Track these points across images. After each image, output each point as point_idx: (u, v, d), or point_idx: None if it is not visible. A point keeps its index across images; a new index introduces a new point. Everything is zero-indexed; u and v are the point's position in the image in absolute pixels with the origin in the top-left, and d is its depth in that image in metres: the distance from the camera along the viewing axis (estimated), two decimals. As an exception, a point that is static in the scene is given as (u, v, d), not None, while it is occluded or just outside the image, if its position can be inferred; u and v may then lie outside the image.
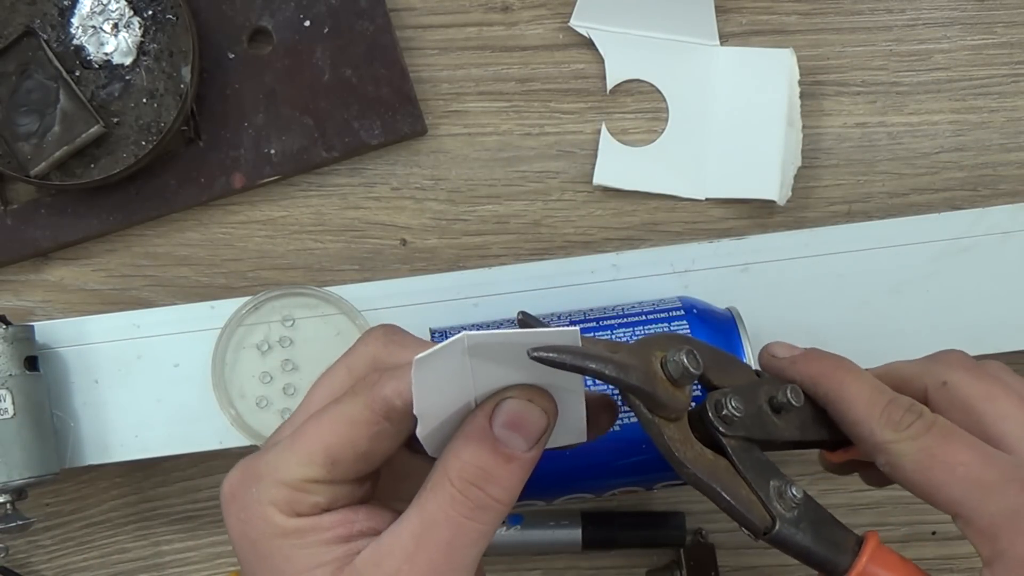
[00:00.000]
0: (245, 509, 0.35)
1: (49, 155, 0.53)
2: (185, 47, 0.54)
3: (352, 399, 0.35)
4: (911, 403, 0.39)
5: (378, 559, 0.34)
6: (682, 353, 0.37)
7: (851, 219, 0.58)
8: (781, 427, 0.40)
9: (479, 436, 0.34)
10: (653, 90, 0.59)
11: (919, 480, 0.38)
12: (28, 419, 0.50)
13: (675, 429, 0.37)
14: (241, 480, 0.36)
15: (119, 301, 0.57)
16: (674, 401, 0.37)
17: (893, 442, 0.38)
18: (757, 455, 0.39)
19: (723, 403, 0.39)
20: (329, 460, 0.35)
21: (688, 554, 0.55)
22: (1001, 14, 0.59)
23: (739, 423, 0.39)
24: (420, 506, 0.34)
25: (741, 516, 0.37)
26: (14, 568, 0.57)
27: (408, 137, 0.58)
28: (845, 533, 0.38)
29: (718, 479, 0.37)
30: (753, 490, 0.38)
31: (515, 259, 0.58)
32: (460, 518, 0.34)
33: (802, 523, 0.37)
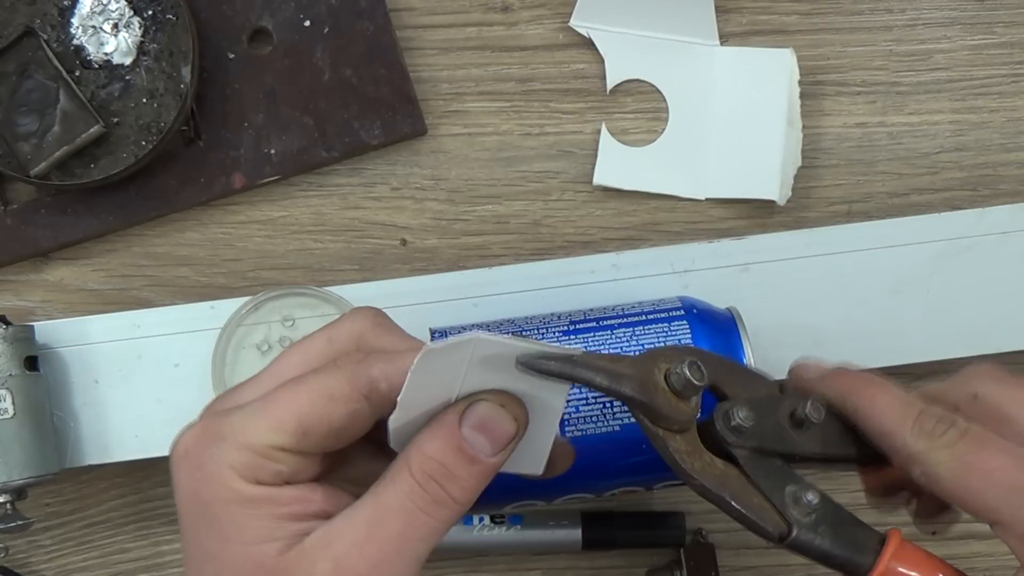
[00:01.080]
0: (201, 468, 0.34)
1: (49, 155, 0.53)
2: (185, 47, 0.54)
3: (334, 372, 0.35)
4: (943, 413, 0.39)
5: (328, 541, 0.34)
6: (684, 365, 0.37)
7: (851, 219, 0.58)
8: (801, 442, 0.40)
9: (446, 433, 0.34)
10: (653, 90, 0.59)
11: (955, 488, 0.37)
12: (28, 419, 0.50)
13: (682, 440, 0.37)
14: (199, 438, 0.35)
15: (119, 301, 0.57)
16: (677, 413, 0.37)
17: (927, 451, 0.37)
18: (771, 463, 0.38)
19: (732, 413, 0.38)
20: (301, 430, 0.34)
21: (688, 554, 0.55)
22: (1001, 14, 0.59)
23: (750, 433, 0.38)
24: (377, 494, 0.34)
25: (753, 523, 0.37)
26: (14, 568, 0.57)
27: (408, 137, 0.58)
28: (867, 532, 0.38)
29: (728, 488, 0.37)
30: (766, 497, 0.37)
31: (515, 259, 0.58)
32: (415, 510, 0.34)
33: (821, 527, 0.37)
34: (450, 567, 0.58)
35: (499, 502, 0.49)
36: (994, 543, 0.43)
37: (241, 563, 0.33)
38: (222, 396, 0.37)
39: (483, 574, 0.58)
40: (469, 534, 0.55)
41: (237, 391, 0.37)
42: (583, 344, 0.48)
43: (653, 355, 0.38)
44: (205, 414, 0.36)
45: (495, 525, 0.55)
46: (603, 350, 0.47)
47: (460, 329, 0.49)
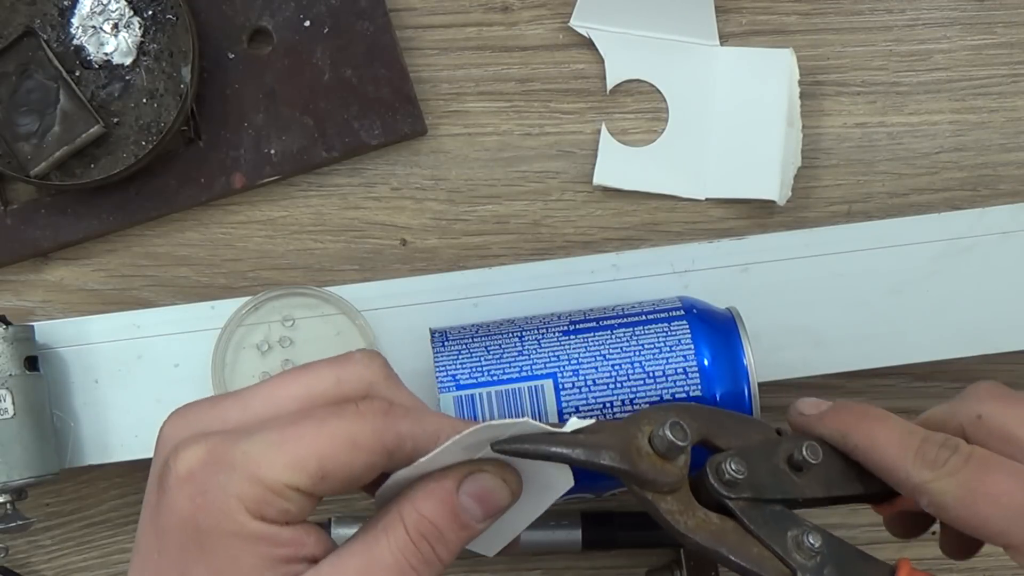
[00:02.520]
0: (204, 494, 0.33)
1: (49, 155, 0.53)
2: (185, 47, 0.54)
3: (359, 420, 0.34)
4: (945, 438, 0.38)
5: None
6: (666, 427, 0.37)
7: (851, 219, 0.58)
8: (802, 485, 0.40)
9: (442, 497, 0.35)
10: (653, 90, 0.59)
11: (964, 516, 0.37)
12: (28, 419, 0.50)
13: (673, 500, 0.37)
14: (206, 463, 0.33)
15: (119, 301, 0.57)
16: (663, 475, 0.37)
17: (932, 481, 0.37)
18: (771, 510, 0.38)
19: (723, 468, 0.38)
20: (320, 473, 0.33)
21: (688, 554, 0.55)
22: (1001, 14, 0.59)
23: (744, 484, 0.38)
24: (369, 544, 0.34)
25: (755, 573, 0.37)
26: (14, 568, 0.57)
27: (408, 137, 0.58)
28: (876, 566, 0.38)
29: (725, 542, 0.37)
30: (767, 546, 0.37)
31: (515, 259, 0.58)
32: (407, 566, 0.34)
33: (826, 568, 0.37)
34: (450, 567, 0.58)
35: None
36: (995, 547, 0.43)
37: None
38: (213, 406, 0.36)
39: (483, 574, 0.58)
40: (469, 534, 0.55)
41: (229, 406, 0.36)
42: (582, 345, 0.48)
43: (636, 418, 0.38)
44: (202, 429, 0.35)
45: (495, 525, 0.55)
46: (603, 350, 0.47)
47: (460, 329, 0.49)
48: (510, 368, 0.47)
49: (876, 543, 0.51)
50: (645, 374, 0.47)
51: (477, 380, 0.47)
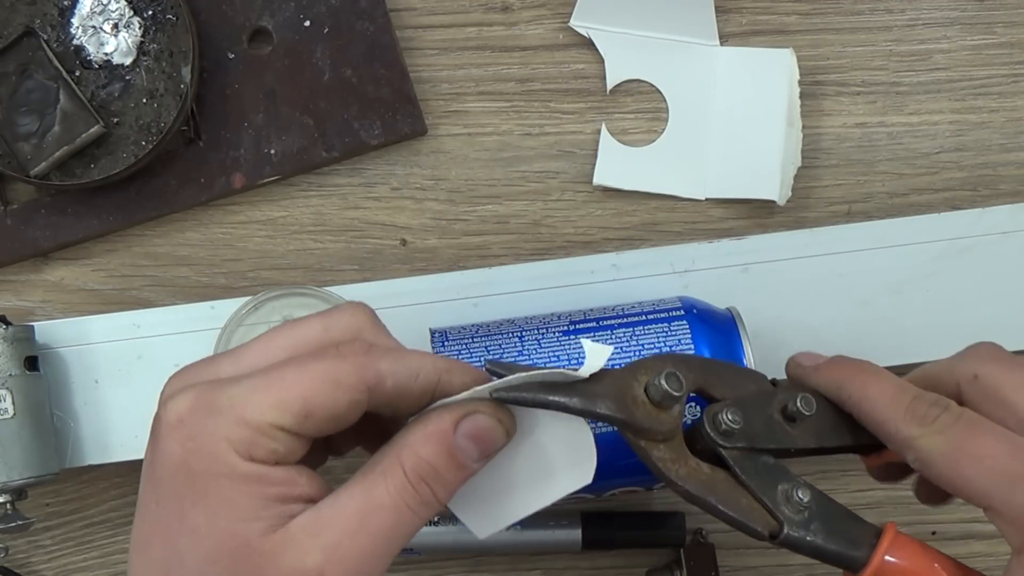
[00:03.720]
0: (195, 439, 0.34)
1: (49, 155, 0.53)
2: (185, 47, 0.54)
3: (340, 359, 0.35)
4: (936, 398, 0.39)
5: (317, 529, 0.34)
6: (662, 377, 0.37)
7: (851, 219, 0.58)
8: (795, 435, 0.40)
9: (440, 439, 0.35)
10: (653, 90, 0.59)
11: (948, 474, 0.37)
12: (28, 419, 0.50)
13: (666, 449, 0.38)
14: (194, 408, 0.34)
15: (119, 301, 0.57)
16: (658, 424, 0.37)
17: (920, 437, 0.38)
18: (763, 462, 0.39)
19: (720, 417, 0.39)
20: (304, 412, 0.34)
21: (688, 554, 0.55)
22: (1001, 14, 0.59)
23: (739, 434, 0.39)
24: (368, 486, 0.35)
25: (741, 524, 0.37)
26: (14, 568, 0.57)
27: (408, 137, 0.58)
28: (862, 527, 0.38)
29: (715, 491, 0.37)
30: (756, 497, 0.38)
31: (515, 259, 0.58)
32: (405, 508, 0.35)
33: (813, 523, 0.37)
34: (450, 567, 0.58)
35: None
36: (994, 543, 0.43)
37: (226, 539, 0.33)
38: (207, 362, 0.37)
39: (483, 574, 0.58)
40: (469, 534, 0.55)
41: (221, 361, 0.36)
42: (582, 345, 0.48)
43: (634, 368, 0.38)
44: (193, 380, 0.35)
45: (495, 525, 0.55)
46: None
47: (460, 329, 0.49)
48: (510, 368, 0.47)
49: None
50: (645, 374, 0.47)
51: (477, 380, 0.47)
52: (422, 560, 0.57)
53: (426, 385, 0.36)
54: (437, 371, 0.36)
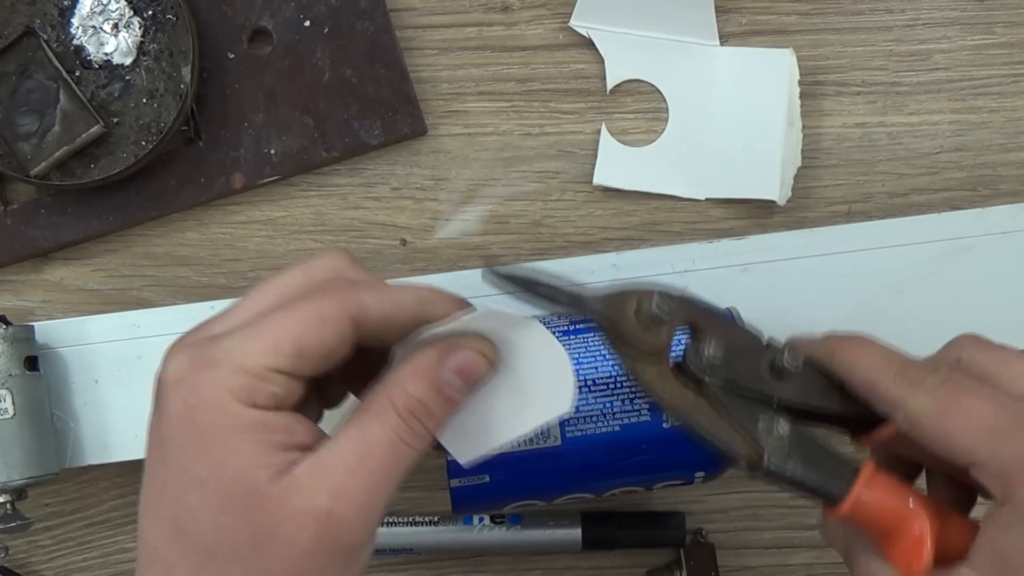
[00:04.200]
0: (197, 394, 0.35)
1: (49, 155, 0.53)
2: (185, 47, 0.54)
3: (324, 298, 0.36)
4: (925, 362, 0.40)
5: (320, 472, 0.35)
6: (653, 298, 0.38)
7: (851, 219, 0.58)
8: (781, 388, 0.40)
9: (427, 375, 0.37)
10: (653, 90, 0.59)
11: (934, 431, 0.38)
12: (28, 419, 0.50)
13: (655, 373, 0.39)
14: (192, 365, 0.35)
15: (119, 301, 0.57)
16: (643, 339, 0.38)
17: (908, 396, 0.39)
18: (745, 398, 0.39)
19: (703, 347, 0.39)
20: (296, 352, 0.35)
21: (688, 554, 0.55)
22: (1001, 14, 0.59)
23: (722, 369, 0.39)
24: (362, 426, 0.36)
25: (725, 447, 0.38)
26: (14, 568, 0.57)
27: (408, 137, 0.58)
28: (840, 462, 0.39)
29: (700, 413, 0.38)
30: (739, 427, 0.38)
31: (515, 259, 0.58)
32: (400, 442, 0.36)
33: (792, 455, 0.38)
34: (450, 567, 0.58)
35: (499, 502, 0.49)
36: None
37: (235, 488, 0.34)
38: (198, 328, 0.37)
39: (483, 574, 0.58)
40: (469, 534, 0.55)
41: (212, 323, 0.37)
42: (582, 345, 0.48)
43: (627, 290, 0.39)
44: (187, 343, 0.36)
45: (495, 525, 0.55)
46: (603, 350, 0.47)
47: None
48: (510, 368, 0.47)
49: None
50: (645, 374, 0.47)
51: (477, 380, 0.47)
52: (422, 560, 0.57)
53: (409, 314, 0.37)
54: (419, 300, 0.37)
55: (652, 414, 0.46)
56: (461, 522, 0.55)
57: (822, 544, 0.57)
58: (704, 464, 0.48)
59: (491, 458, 0.47)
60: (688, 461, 0.48)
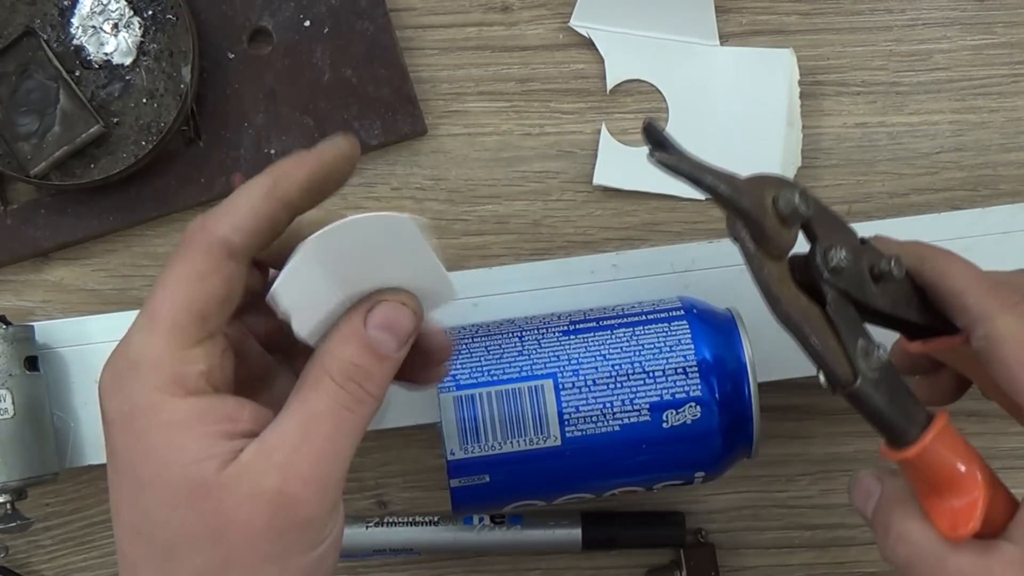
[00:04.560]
0: (128, 400, 0.35)
1: (49, 155, 0.53)
2: (185, 47, 0.54)
3: (189, 254, 0.35)
4: (1022, 287, 0.39)
5: (266, 453, 0.35)
6: (796, 193, 0.37)
7: (851, 219, 0.57)
8: (876, 295, 0.40)
9: (355, 336, 0.36)
10: (653, 90, 0.59)
11: (1013, 358, 0.37)
12: (28, 419, 0.50)
13: (776, 268, 0.37)
14: (116, 374, 0.35)
15: (119, 301, 0.57)
16: (779, 238, 0.37)
17: (997, 314, 0.38)
18: (851, 311, 0.38)
19: (833, 252, 0.38)
20: (198, 317, 0.35)
21: (688, 554, 0.55)
22: (1001, 14, 0.59)
23: (844, 275, 0.38)
24: (302, 401, 0.36)
25: (825, 363, 0.37)
26: (14, 568, 0.57)
27: (408, 137, 0.58)
28: (919, 406, 0.38)
29: (810, 323, 0.37)
30: (842, 343, 0.37)
31: (515, 259, 0.58)
32: (341, 409, 0.36)
33: (881, 385, 0.37)
34: (450, 567, 0.58)
35: (499, 502, 0.49)
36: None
37: (182, 484, 0.34)
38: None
39: (483, 574, 0.58)
40: (469, 534, 0.55)
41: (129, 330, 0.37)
42: (582, 345, 0.48)
43: (762, 179, 0.38)
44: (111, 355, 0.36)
45: (495, 525, 0.55)
46: (603, 350, 0.47)
47: (460, 329, 0.49)
48: (510, 368, 0.47)
49: None
50: (645, 374, 0.47)
51: (477, 380, 0.47)
52: (422, 560, 0.57)
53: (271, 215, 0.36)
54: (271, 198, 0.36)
55: (652, 414, 0.47)
56: (461, 522, 0.55)
57: (822, 544, 0.57)
58: (704, 464, 0.48)
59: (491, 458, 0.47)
60: (688, 461, 0.48)
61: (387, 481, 0.58)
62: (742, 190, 0.37)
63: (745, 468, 0.53)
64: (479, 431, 0.46)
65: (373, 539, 0.55)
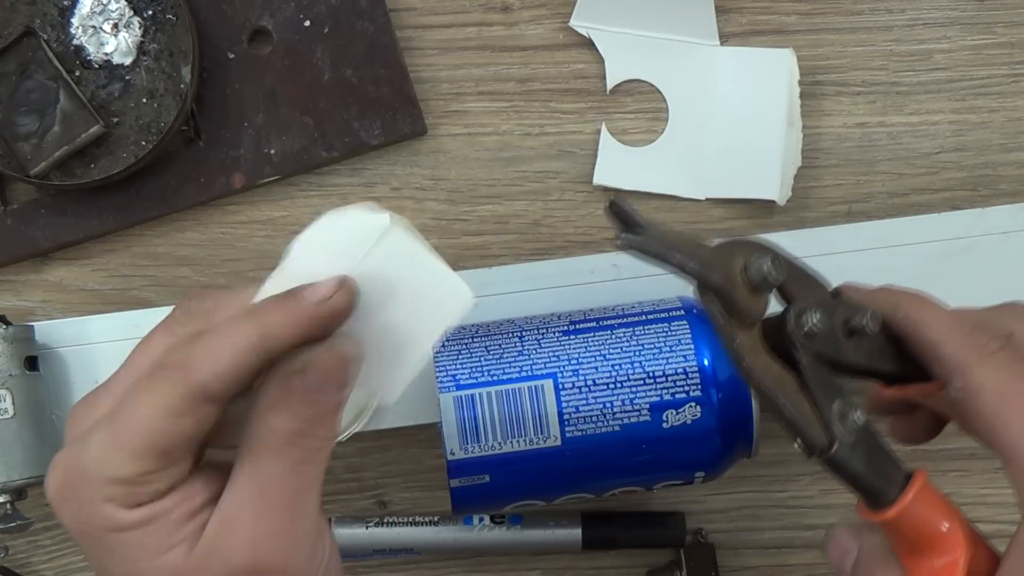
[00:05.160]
0: (81, 509, 0.34)
1: (49, 155, 0.53)
2: (185, 47, 0.54)
3: (166, 385, 0.34)
4: (998, 331, 0.37)
5: (229, 529, 0.34)
6: (766, 259, 0.36)
7: (851, 219, 0.58)
8: (851, 351, 0.39)
9: (296, 397, 0.34)
10: (653, 90, 0.59)
11: (991, 411, 0.36)
12: (28, 419, 0.50)
13: (747, 336, 0.37)
14: (66, 481, 0.34)
15: (119, 301, 0.57)
16: (750, 307, 0.36)
17: (975, 365, 0.36)
18: (826, 374, 0.38)
19: (806, 316, 0.37)
20: (160, 453, 0.34)
21: (688, 554, 0.55)
22: (1001, 14, 0.59)
23: (818, 338, 0.38)
24: (252, 468, 0.34)
25: (801, 431, 0.36)
26: (14, 568, 0.57)
27: (408, 137, 0.58)
28: (896, 466, 0.38)
29: (783, 391, 0.36)
30: (817, 408, 0.37)
31: (515, 259, 0.58)
32: (294, 467, 0.34)
33: (858, 448, 0.37)
34: (450, 567, 0.58)
35: (499, 502, 0.49)
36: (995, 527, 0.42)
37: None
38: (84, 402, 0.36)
39: (483, 574, 0.58)
40: (469, 534, 0.55)
41: (95, 397, 0.36)
42: (582, 345, 0.48)
43: (731, 246, 0.37)
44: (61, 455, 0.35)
45: (495, 525, 0.55)
46: (603, 350, 0.47)
47: (460, 329, 0.49)
48: (510, 368, 0.47)
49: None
50: (645, 374, 0.47)
51: (477, 380, 0.47)
52: (422, 560, 0.57)
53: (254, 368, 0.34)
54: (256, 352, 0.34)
55: (652, 414, 0.47)
56: (461, 522, 0.55)
57: (822, 544, 0.57)
58: (704, 464, 0.48)
59: (491, 458, 0.47)
60: (688, 461, 0.48)
61: (387, 481, 0.58)
62: (711, 263, 0.36)
63: (745, 468, 0.53)
64: (479, 431, 0.46)
65: (373, 539, 0.55)
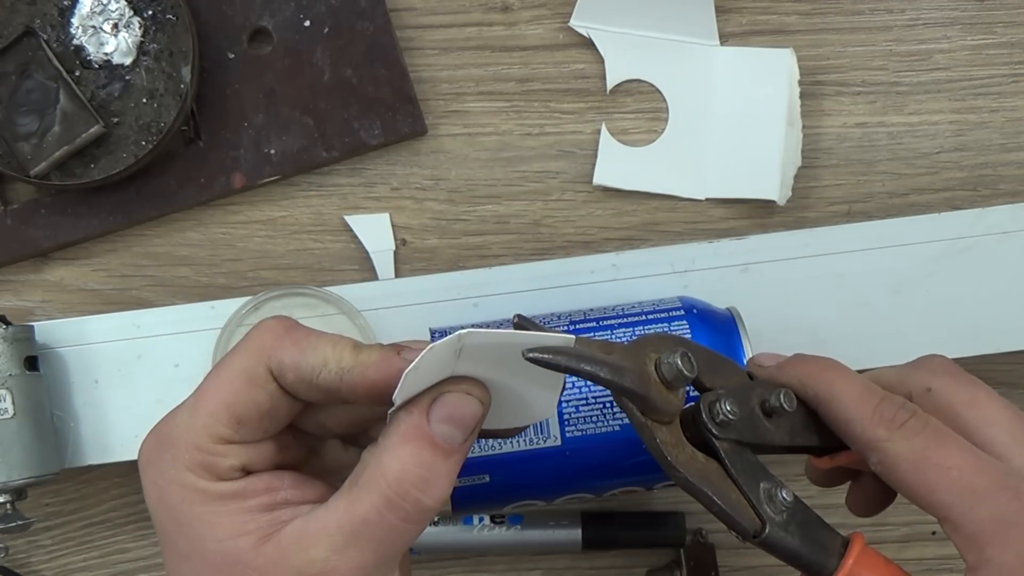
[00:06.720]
0: (162, 475, 0.34)
1: (49, 155, 0.53)
2: (185, 47, 0.54)
3: (246, 355, 0.35)
4: (904, 401, 0.39)
5: (305, 544, 0.33)
6: (676, 356, 0.37)
7: (851, 219, 0.58)
8: (772, 431, 0.40)
9: (417, 435, 0.33)
10: (653, 90, 0.59)
11: (912, 481, 0.37)
12: (28, 419, 0.50)
13: (667, 432, 0.37)
14: (155, 445, 0.35)
15: (119, 301, 0.57)
16: (667, 404, 0.37)
17: (886, 440, 0.38)
18: (748, 457, 0.38)
19: (718, 406, 0.38)
20: (234, 419, 0.34)
21: (688, 554, 0.55)
22: (1001, 14, 0.59)
23: (732, 426, 0.38)
24: (352, 501, 0.33)
25: (732, 520, 0.37)
26: (14, 568, 0.57)
27: (408, 137, 0.58)
28: (832, 535, 0.38)
29: (709, 483, 0.37)
30: (744, 493, 0.38)
31: (515, 259, 0.58)
32: (395, 521, 0.33)
33: (791, 526, 0.37)
34: (450, 567, 0.58)
35: (499, 502, 0.49)
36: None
37: (217, 560, 0.33)
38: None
39: (483, 574, 0.58)
40: (469, 534, 0.55)
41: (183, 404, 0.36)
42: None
43: (643, 343, 0.38)
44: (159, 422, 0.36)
45: (495, 525, 0.55)
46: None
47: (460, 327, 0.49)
48: (510, 368, 0.47)
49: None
50: (645, 374, 0.47)
51: (477, 380, 0.47)
52: (422, 560, 0.57)
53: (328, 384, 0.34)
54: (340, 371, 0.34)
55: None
56: (461, 522, 0.55)
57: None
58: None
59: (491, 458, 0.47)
60: (688, 461, 0.48)
61: (387, 481, 0.58)
62: (624, 369, 0.36)
63: (745, 468, 0.53)
64: (479, 431, 0.46)
65: (373, 539, 0.55)
